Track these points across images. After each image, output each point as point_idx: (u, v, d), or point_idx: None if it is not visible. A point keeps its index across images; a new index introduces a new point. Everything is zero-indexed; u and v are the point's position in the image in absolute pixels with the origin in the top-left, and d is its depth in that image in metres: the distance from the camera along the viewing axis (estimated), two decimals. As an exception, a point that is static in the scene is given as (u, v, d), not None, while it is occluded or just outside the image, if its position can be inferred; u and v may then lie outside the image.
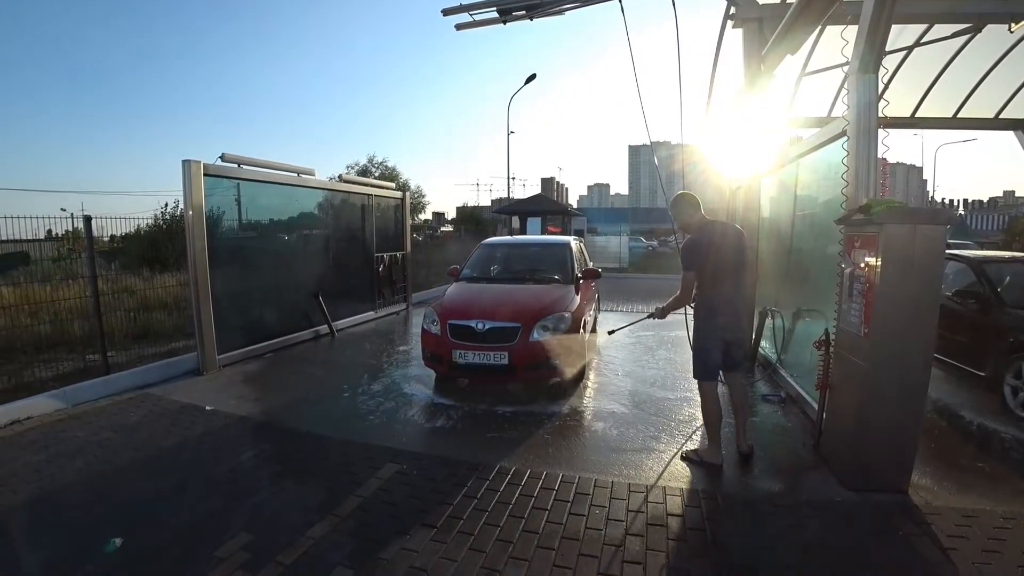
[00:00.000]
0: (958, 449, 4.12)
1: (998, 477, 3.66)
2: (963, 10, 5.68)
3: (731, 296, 3.77)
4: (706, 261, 3.70)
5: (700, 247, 3.73)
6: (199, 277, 6.02)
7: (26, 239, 5.39)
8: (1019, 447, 4.16)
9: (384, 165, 31.69)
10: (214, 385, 5.79)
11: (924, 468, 3.69)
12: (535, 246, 7.30)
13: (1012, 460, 3.98)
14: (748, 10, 5.85)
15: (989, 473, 3.72)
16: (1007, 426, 4.51)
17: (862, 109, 3.49)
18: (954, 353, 5.46)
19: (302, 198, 8.14)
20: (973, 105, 8.05)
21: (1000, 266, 5.62)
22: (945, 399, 5.03)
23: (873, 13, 3.29)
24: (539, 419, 4.73)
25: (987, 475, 3.69)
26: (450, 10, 6.38)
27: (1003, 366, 4.86)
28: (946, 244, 3.17)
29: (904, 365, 3.20)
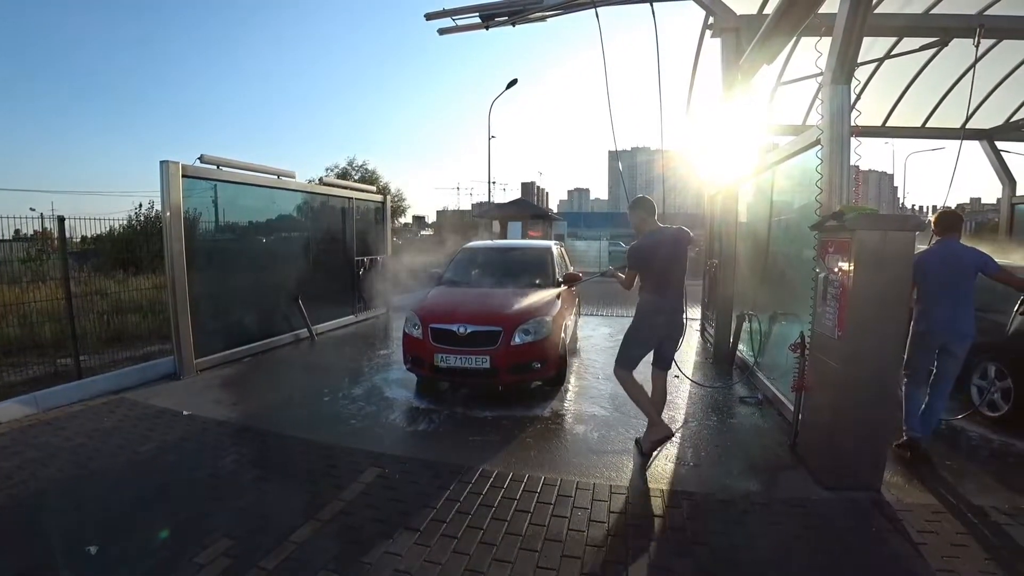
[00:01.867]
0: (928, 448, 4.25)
1: (965, 474, 3.79)
2: (931, 24, 5.88)
3: (671, 298, 3.99)
4: (648, 265, 3.99)
5: (644, 251, 4.00)
6: (177, 279, 5.92)
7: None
8: (985, 445, 4.32)
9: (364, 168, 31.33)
10: (192, 389, 5.70)
11: (896, 467, 3.81)
12: (516, 250, 7.34)
13: (979, 457, 4.12)
14: (726, 20, 5.98)
15: (957, 470, 3.85)
16: (974, 425, 4.68)
17: (835, 118, 3.60)
18: None
19: (282, 200, 8.06)
20: (941, 115, 8.34)
21: None
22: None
23: (846, 26, 3.40)
24: (521, 422, 4.75)
25: (955, 472, 3.81)
26: (433, 15, 6.43)
27: (969, 367, 5.01)
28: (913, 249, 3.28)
29: (876, 366, 3.32)
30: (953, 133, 8.70)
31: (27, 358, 5.96)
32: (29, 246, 6.61)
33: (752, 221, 6.23)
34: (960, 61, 6.99)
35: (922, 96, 7.89)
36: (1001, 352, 4.72)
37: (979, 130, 8.60)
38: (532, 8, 6.15)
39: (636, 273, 4.07)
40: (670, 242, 3.98)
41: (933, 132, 8.76)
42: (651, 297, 4.00)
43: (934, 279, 3.80)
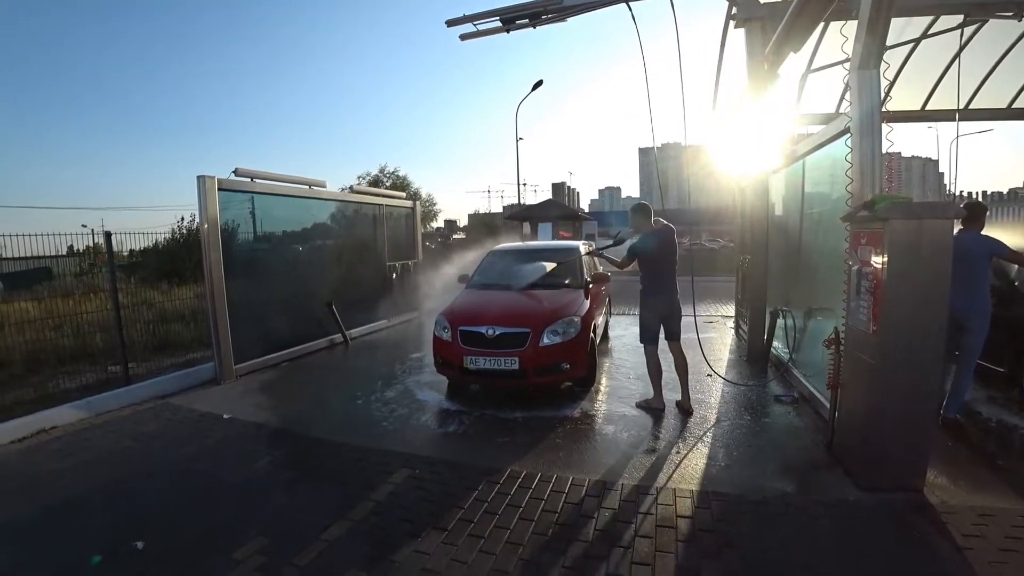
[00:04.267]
0: (975, 447, 4.05)
1: (1016, 474, 3.59)
2: (968, 0, 5.61)
3: (664, 283, 4.95)
4: (643, 257, 4.96)
5: (642, 246, 4.97)
6: (215, 288, 6.15)
7: (49, 255, 5.58)
8: None
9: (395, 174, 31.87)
10: (232, 394, 5.91)
11: (940, 467, 3.64)
12: (544, 252, 7.32)
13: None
14: (749, 10, 5.85)
15: (1007, 471, 3.65)
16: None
17: (864, 105, 3.47)
18: None
19: (314, 209, 8.27)
20: (985, 95, 7.94)
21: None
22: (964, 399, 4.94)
23: (872, 8, 3.28)
24: (550, 423, 4.75)
25: (1005, 473, 3.62)
26: (454, 21, 6.48)
27: (1022, 362, 4.77)
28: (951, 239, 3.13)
29: (914, 362, 3.18)
30: (1000, 113, 8.28)
31: (80, 366, 6.31)
32: (81, 261, 6.96)
33: (783, 214, 6.07)
34: (1003, 37, 6.66)
35: (963, 76, 7.49)
36: None
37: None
38: (552, 8, 6.13)
39: (632, 260, 5.04)
40: (662, 240, 4.93)
41: (978, 113, 8.33)
42: (648, 284, 4.99)
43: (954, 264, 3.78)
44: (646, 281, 5.00)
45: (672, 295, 4.95)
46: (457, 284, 6.91)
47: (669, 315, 4.95)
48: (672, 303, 4.96)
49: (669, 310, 4.95)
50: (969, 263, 4.09)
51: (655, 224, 5.05)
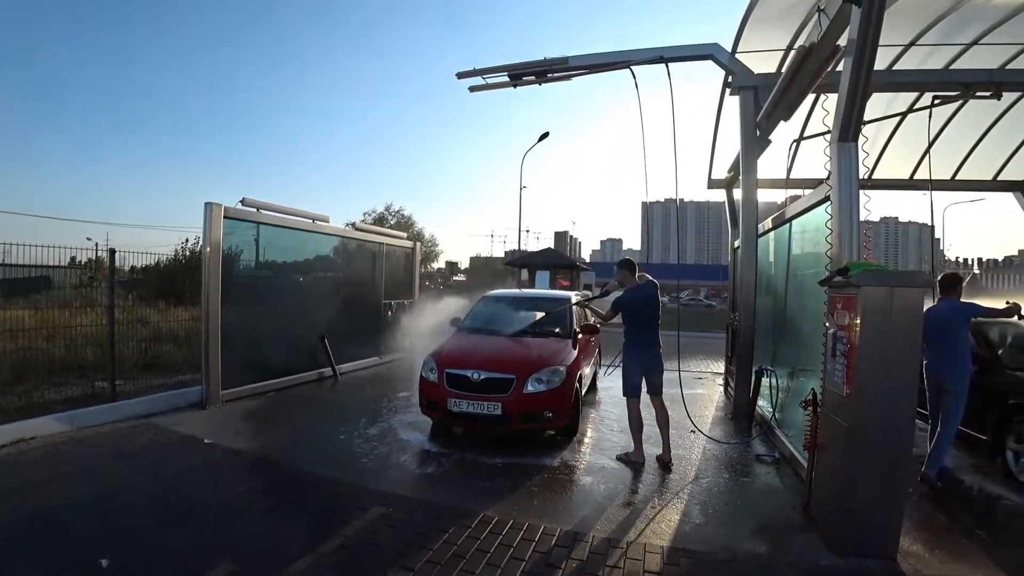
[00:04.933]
0: (955, 515, 4.03)
1: (996, 545, 3.56)
2: (952, 79, 5.91)
3: (646, 336, 5.06)
4: (627, 311, 5.12)
5: (625, 301, 5.17)
6: (211, 312, 6.24)
7: (51, 265, 5.70)
8: (1021, 514, 4.06)
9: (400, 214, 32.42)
10: (215, 419, 5.91)
11: (917, 534, 3.62)
12: (536, 300, 7.43)
13: (1014, 528, 3.89)
14: (744, 79, 6.15)
15: (987, 541, 3.62)
16: (1009, 492, 4.41)
17: (843, 175, 3.64)
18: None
19: (315, 243, 8.47)
20: (971, 167, 8.22)
21: (1000, 327, 5.56)
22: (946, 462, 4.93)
23: (849, 86, 3.49)
24: (529, 470, 4.73)
25: (984, 543, 3.59)
26: (464, 74, 6.81)
27: (1004, 430, 4.77)
28: (922, 305, 3.22)
29: (886, 425, 3.21)
30: (985, 185, 8.58)
31: (69, 378, 6.32)
32: (81, 273, 7.08)
33: (772, 275, 6.19)
34: (988, 112, 6.96)
35: (951, 147, 7.82)
36: None
37: (1012, 182, 8.42)
38: (557, 68, 6.46)
39: (615, 313, 5.25)
40: (645, 295, 5.11)
41: (964, 184, 8.63)
42: (631, 338, 5.10)
43: (932, 330, 4.30)
44: (629, 335, 5.11)
45: (654, 349, 5.07)
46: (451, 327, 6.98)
47: (651, 369, 5.04)
48: (654, 357, 5.06)
49: (650, 363, 5.04)
50: (949, 330, 4.41)
51: (639, 279, 5.24)
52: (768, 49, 6.16)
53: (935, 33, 5.70)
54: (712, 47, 6.27)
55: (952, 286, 4.71)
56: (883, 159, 8.09)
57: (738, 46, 6.25)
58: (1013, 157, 7.93)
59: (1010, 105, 6.86)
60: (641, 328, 5.05)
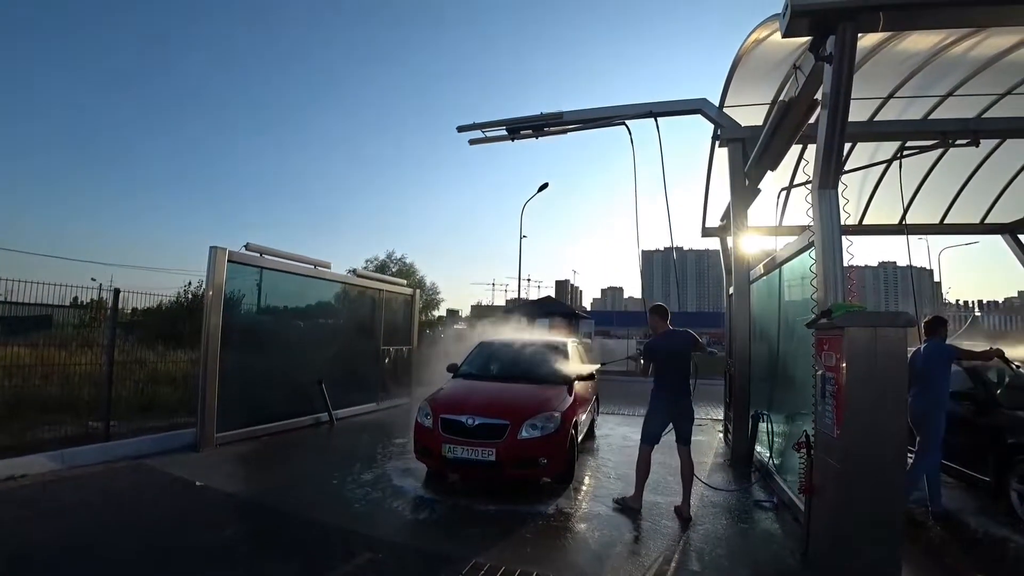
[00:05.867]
0: (960, 558, 3.96)
1: None
2: (931, 128, 6.18)
3: (675, 383, 4.94)
4: (657, 357, 5.00)
5: (656, 347, 5.04)
6: (210, 355, 6.30)
7: (53, 304, 5.80)
8: None
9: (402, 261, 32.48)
10: (208, 462, 5.87)
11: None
12: (533, 346, 7.47)
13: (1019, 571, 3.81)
14: (732, 132, 6.42)
15: None
16: (1015, 534, 4.34)
17: (824, 221, 3.76)
18: (957, 457, 5.27)
19: (317, 289, 8.60)
20: (959, 211, 8.46)
21: (998, 369, 5.55)
22: (951, 505, 4.88)
23: (826, 137, 3.66)
24: (523, 518, 4.64)
25: None
26: (464, 127, 7.12)
27: (1006, 470, 4.72)
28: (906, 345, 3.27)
29: (876, 465, 3.21)
30: (973, 228, 8.82)
31: (63, 417, 6.29)
32: (83, 313, 7.17)
33: (764, 320, 6.25)
34: (972, 159, 7.20)
35: (937, 194, 8.07)
36: None
37: (998, 224, 8.64)
38: (553, 122, 6.75)
39: (648, 362, 5.04)
40: (677, 342, 5.00)
41: (952, 228, 8.86)
42: (660, 384, 4.97)
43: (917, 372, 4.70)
44: (658, 381, 5.00)
45: (684, 399, 4.91)
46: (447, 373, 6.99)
47: (678, 416, 4.89)
48: (683, 405, 4.91)
49: (678, 411, 4.89)
50: (932, 370, 4.72)
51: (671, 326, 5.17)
52: (753, 104, 6.45)
53: (912, 85, 5.97)
54: (700, 102, 6.56)
55: (936, 328, 4.96)
56: (872, 205, 8.31)
57: (725, 100, 6.55)
58: (998, 201, 8.16)
59: (990, 151, 7.12)
60: (671, 375, 4.94)
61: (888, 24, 3.66)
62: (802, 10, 3.59)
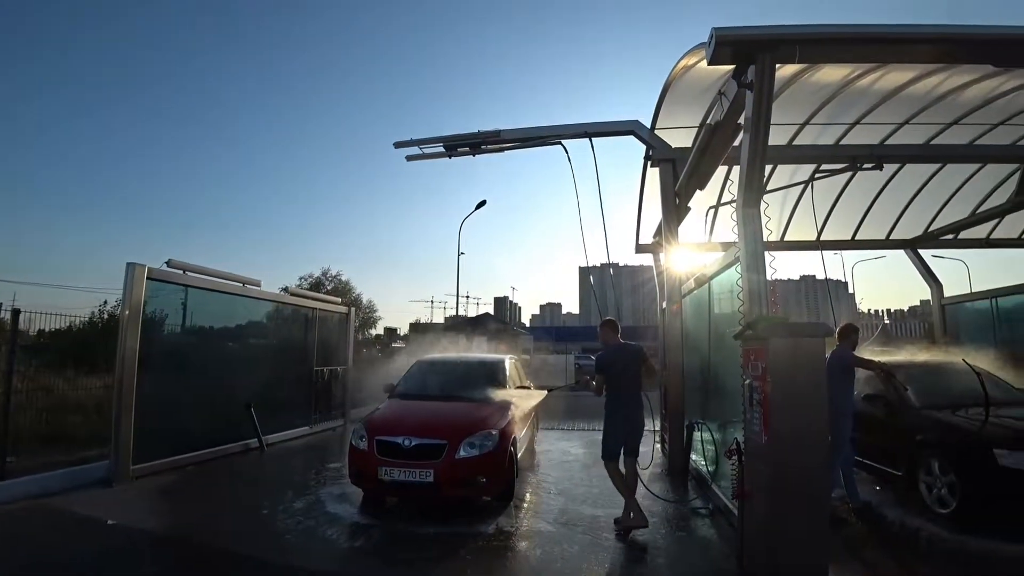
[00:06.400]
0: (880, 550, 4.25)
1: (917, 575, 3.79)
2: (842, 153, 6.72)
3: (629, 396, 4.90)
4: (610, 371, 4.95)
5: (607, 361, 5.00)
6: (125, 380, 5.86)
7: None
8: (940, 544, 4.31)
9: (338, 278, 31.54)
10: (123, 497, 5.43)
11: (848, 573, 3.76)
12: (470, 363, 7.42)
13: (932, 558, 4.12)
14: (662, 152, 6.72)
15: (908, 572, 3.85)
16: (926, 523, 4.68)
17: (748, 237, 3.95)
18: (874, 455, 5.65)
19: (246, 307, 8.23)
20: (868, 228, 9.20)
21: (907, 371, 5.96)
22: (869, 500, 5.21)
23: (748, 159, 3.88)
24: (463, 539, 4.55)
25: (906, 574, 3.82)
26: (401, 143, 7.07)
27: (916, 465, 5.11)
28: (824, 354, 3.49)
29: (801, 468, 3.37)
30: (880, 244, 9.64)
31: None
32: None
33: (696, 333, 6.49)
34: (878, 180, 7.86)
35: (850, 212, 8.77)
36: (941, 447, 4.93)
37: (902, 240, 9.48)
38: (491, 140, 6.81)
39: (602, 377, 4.98)
40: (629, 355, 4.98)
41: (862, 244, 9.65)
42: (613, 398, 4.92)
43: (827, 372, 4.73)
44: (609, 396, 4.95)
45: (637, 411, 4.90)
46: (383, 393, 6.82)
47: (632, 431, 4.87)
48: (635, 419, 4.89)
49: (632, 425, 4.87)
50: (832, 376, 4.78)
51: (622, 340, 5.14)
52: (683, 126, 6.76)
53: (826, 113, 6.43)
54: (633, 124, 6.82)
55: (847, 335, 5.36)
56: (792, 223, 8.88)
57: (657, 122, 6.84)
58: (900, 219, 8.97)
59: (893, 174, 7.80)
60: (624, 388, 4.90)
61: (803, 56, 3.96)
62: (725, 40, 3.81)
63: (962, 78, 5.56)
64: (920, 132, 6.72)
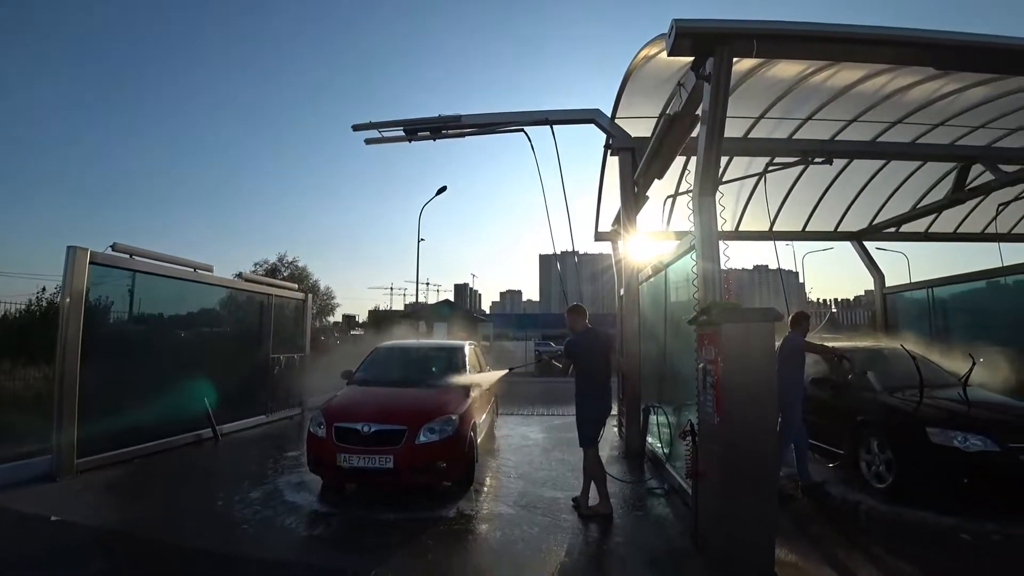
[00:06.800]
0: (824, 524, 4.52)
1: (857, 546, 4.04)
2: (794, 147, 6.95)
3: (600, 385, 4.90)
4: (579, 357, 4.93)
5: (577, 347, 4.95)
6: (67, 370, 5.57)
7: None
8: (877, 516, 4.67)
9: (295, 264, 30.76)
10: (68, 492, 5.20)
11: (794, 546, 3.97)
12: (429, 349, 7.41)
13: (870, 529, 4.43)
14: (622, 141, 6.80)
15: (848, 544, 4.08)
16: (866, 497, 5.04)
17: (703, 225, 4.07)
18: (821, 436, 5.95)
19: (197, 294, 7.94)
20: (817, 220, 9.57)
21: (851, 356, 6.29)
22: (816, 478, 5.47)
23: (704, 150, 3.98)
24: (424, 524, 4.57)
25: (846, 546, 4.05)
26: (360, 126, 6.91)
27: (857, 443, 5.47)
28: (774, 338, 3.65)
29: (751, 448, 3.51)
30: (828, 236, 10.06)
31: None
32: None
33: (652, 319, 6.64)
34: (827, 175, 8.19)
35: (801, 204, 9.12)
36: (880, 426, 5.30)
37: (849, 232, 9.91)
38: (452, 125, 6.74)
39: (571, 362, 5.01)
40: (598, 341, 5.00)
41: (812, 235, 10.05)
42: (584, 383, 4.91)
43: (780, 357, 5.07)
44: (583, 382, 4.93)
45: (606, 397, 4.94)
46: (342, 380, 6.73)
47: (602, 417, 4.92)
48: (605, 406, 4.95)
49: (603, 412, 4.93)
50: (787, 359, 5.28)
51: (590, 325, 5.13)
52: (643, 116, 6.84)
53: (780, 108, 6.62)
54: (594, 112, 6.87)
55: (799, 322, 5.62)
56: (746, 214, 9.15)
57: (617, 111, 6.90)
58: (848, 212, 9.37)
59: (841, 169, 8.13)
60: (594, 374, 4.91)
61: (760, 51, 4.07)
62: (685, 31, 3.87)
63: (907, 79, 5.82)
64: (867, 129, 7.00)
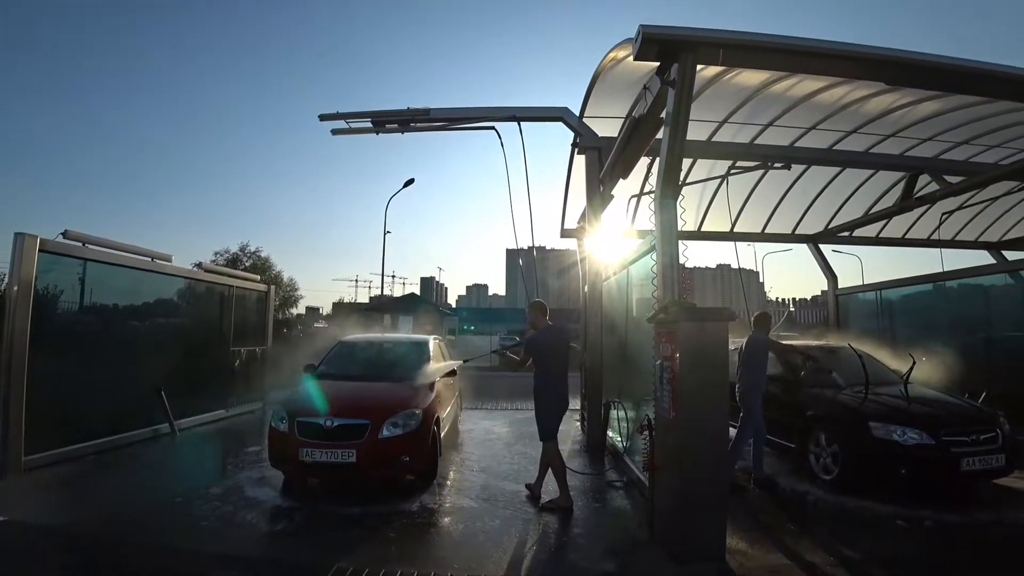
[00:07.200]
0: (772, 513, 4.76)
1: (802, 534, 4.28)
2: (755, 152, 7.20)
3: (559, 380, 5.03)
4: (540, 353, 5.06)
5: (538, 343, 5.11)
6: (14, 363, 5.34)
7: None
8: (822, 505, 4.96)
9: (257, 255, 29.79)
10: (14, 491, 5.02)
11: (745, 534, 4.19)
12: (392, 343, 7.39)
13: (816, 517, 4.70)
14: (589, 140, 6.91)
15: (794, 532, 4.32)
16: (813, 488, 5.33)
17: (664, 226, 4.19)
18: (773, 429, 6.17)
19: (155, 284, 7.70)
20: (776, 223, 9.93)
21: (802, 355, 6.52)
22: (768, 470, 5.73)
23: (667, 152, 4.10)
24: (387, 517, 4.59)
25: (792, 533, 4.29)
26: (327, 116, 6.82)
27: (806, 437, 5.74)
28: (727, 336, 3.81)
29: (704, 441, 3.68)
30: (787, 238, 10.43)
31: None
32: None
33: (614, 315, 6.81)
34: (786, 179, 8.50)
35: (761, 207, 9.44)
36: (827, 421, 5.60)
37: (805, 235, 10.33)
38: (420, 119, 6.72)
39: (530, 357, 5.13)
40: (558, 337, 5.14)
41: (771, 237, 10.43)
42: (543, 378, 5.01)
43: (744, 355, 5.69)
44: (539, 376, 5.04)
45: (563, 392, 5.06)
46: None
47: (560, 411, 5.04)
48: (566, 400, 5.09)
49: (562, 407, 5.04)
50: (751, 358, 5.66)
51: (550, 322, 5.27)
52: (610, 116, 6.97)
53: (743, 114, 6.83)
54: (562, 110, 6.96)
55: (762, 322, 5.94)
56: (708, 215, 9.42)
57: (585, 111, 7.01)
58: (805, 216, 9.75)
59: (799, 175, 8.45)
60: (553, 369, 5.02)
61: (725, 59, 4.22)
62: (652, 37, 3.97)
63: (862, 92, 6.10)
64: (825, 137, 7.30)
